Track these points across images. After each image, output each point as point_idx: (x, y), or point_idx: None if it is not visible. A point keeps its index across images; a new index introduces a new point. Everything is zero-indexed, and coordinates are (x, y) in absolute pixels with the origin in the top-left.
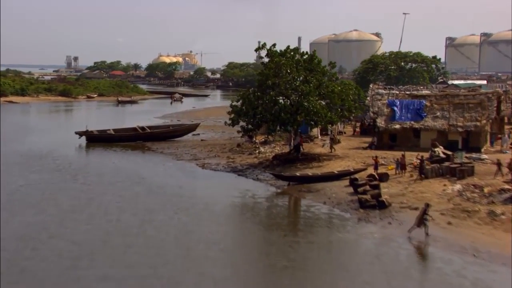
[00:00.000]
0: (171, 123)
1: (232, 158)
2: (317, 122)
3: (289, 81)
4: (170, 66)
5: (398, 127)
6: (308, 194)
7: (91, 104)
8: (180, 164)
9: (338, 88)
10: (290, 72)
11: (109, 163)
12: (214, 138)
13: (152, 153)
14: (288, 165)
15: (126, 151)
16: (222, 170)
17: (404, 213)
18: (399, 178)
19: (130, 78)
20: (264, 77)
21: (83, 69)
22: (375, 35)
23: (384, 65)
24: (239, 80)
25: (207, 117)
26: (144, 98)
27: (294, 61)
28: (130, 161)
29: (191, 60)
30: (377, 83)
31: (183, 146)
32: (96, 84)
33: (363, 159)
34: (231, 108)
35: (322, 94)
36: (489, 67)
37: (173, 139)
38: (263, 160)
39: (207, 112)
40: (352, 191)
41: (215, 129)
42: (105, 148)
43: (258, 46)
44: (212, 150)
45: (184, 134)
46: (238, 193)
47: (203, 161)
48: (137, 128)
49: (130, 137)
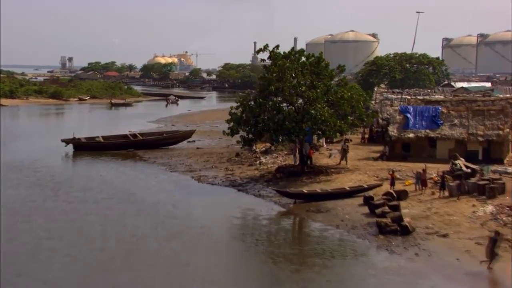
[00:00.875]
0: (165, 128)
1: (230, 170)
2: (325, 132)
3: (294, 86)
4: (165, 67)
5: (412, 136)
6: (317, 215)
7: (83, 107)
8: (174, 176)
9: (348, 94)
10: (295, 76)
11: (96, 175)
12: (211, 146)
13: (144, 163)
14: (293, 178)
15: (116, 161)
16: (220, 184)
17: (431, 241)
18: (419, 195)
19: (124, 79)
20: (266, 82)
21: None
22: (372, 35)
23: (388, 67)
24: (235, 82)
25: (203, 121)
26: (138, 100)
27: (299, 64)
28: (120, 173)
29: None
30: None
31: (178, 155)
32: (89, 85)
33: (376, 172)
34: (230, 115)
35: (330, 101)
36: (486, 68)
37: (167, 147)
38: (264, 172)
39: (203, 115)
40: (367, 211)
41: (211, 135)
42: (93, 157)
43: (260, 48)
44: (209, 160)
45: (179, 141)
46: (238, 213)
47: (199, 174)
48: (128, 135)
49: (121, 145)
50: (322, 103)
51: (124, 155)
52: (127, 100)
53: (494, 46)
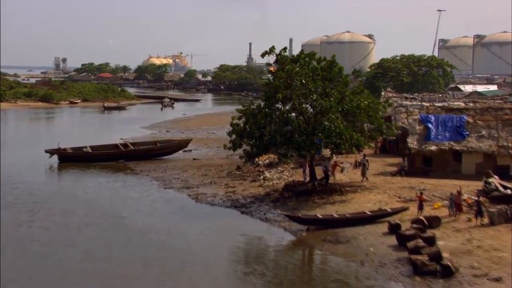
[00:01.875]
0: (159, 135)
1: (231, 186)
2: (339, 146)
3: (304, 94)
4: (160, 69)
5: (435, 148)
6: (336, 246)
7: (73, 111)
8: (169, 194)
9: (365, 103)
10: (305, 82)
11: (81, 193)
12: (209, 157)
13: (136, 177)
14: (303, 198)
15: (105, 175)
16: (221, 204)
17: (481, 286)
18: (454, 222)
19: (118, 81)
20: (273, 89)
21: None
22: (368, 36)
23: (395, 70)
24: (231, 83)
25: (199, 127)
26: (132, 103)
27: (310, 69)
28: (108, 190)
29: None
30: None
31: (173, 167)
32: (81, 88)
33: (397, 191)
34: (232, 127)
35: (345, 110)
36: (483, 69)
37: (161, 157)
38: (270, 190)
39: (199, 120)
40: (394, 242)
41: (209, 143)
42: (80, 170)
43: (265, 51)
44: (207, 174)
45: (174, 151)
46: (243, 243)
47: (197, 191)
48: (118, 145)
49: (111, 156)
50: (336, 113)
51: (114, 167)
52: (120, 103)
53: (491, 47)
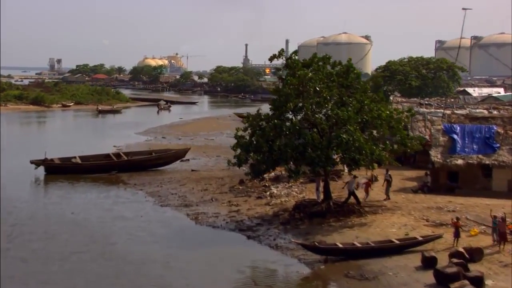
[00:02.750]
0: (154, 142)
1: (235, 204)
2: (358, 161)
3: (318, 103)
4: (155, 70)
5: (461, 162)
6: (363, 284)
7: (66, 115)
8: (165, 213)
9: (386, 113)
10: (319, 90)
11: (67, 212)
12: (208, 167)
13: (129, 191)
14: (317, 220)
15: (95, 189)
16: (224, 226)
17: None
18: (498, 254)
19: (113, 82)
20: (283, 97)
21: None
22: (365, 37)
23: (403, 73)
24: (228, 85)
25: (197, 133)
26: (127, 106)
27: (325, 75)
28: (98, 208)
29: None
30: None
31: (169, 180)
32: (74, 90)
33: (422, 212)
34: (236, 140)
35: (364, 121)
36: (480, 71)
37: (157, 168)
38: (279, 210)
39: (197, 125)
40: (431, 279)
41: (207, 151)
42: (68, 183)
43: (273, 55)
44: (207, 188)
45: (170, 162)
46: (251, 277)
47: (197, 210)
48: (110, 155)
49: (102, 167)
50: (354, 125)
51: (106, 179)
52: (115, 106)
53: (488, 48)
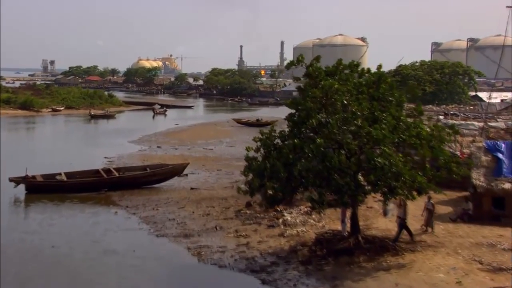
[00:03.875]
0: (149, 152)
1: (244, 235)
2: (394, 190)
3: (345, 120)
4: (150, 72)
5: (509, 187)
6: None
7: (56, 120)
8: (162, 247)
9: (427, 131)
10: (347, 104)
11: (47, 244)
12: (209, 184)
13: (121, 216)
14: (344, 259)
15: (82, 212)
16: (233, 265)
17: None
18: None
19: (106, 84)
20: (303, 112)
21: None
22: (361, 39)
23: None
24: (224, 88)
25: (194, 141)
26: (120, 110)
27: (353, 85)
28: (83, 239)
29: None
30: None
31: (166, 201)
32: (66, 93)
33: (471, 250)
34: (247, 162)
35: (402, 141)
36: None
37: (152, 185)
38: (296, 243)
39: (194, 132)
40: None
41: (207, 164)
42: (52, 204)
43: (291, 61)
44: (209, 212)
45: (167, 179)
46: None
47: (199, 242)
48: (100, 171)
49: (90, 185)
50: (389, 146)
51: (95, 199)
52: (108, 111)
53: (485, 51)
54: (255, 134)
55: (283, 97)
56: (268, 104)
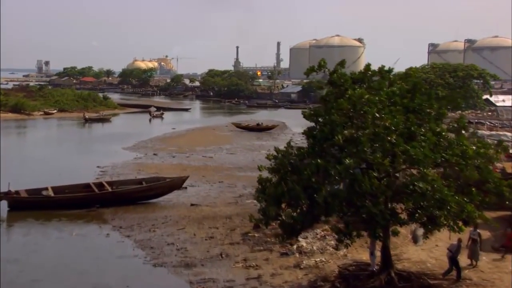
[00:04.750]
0: (145, 160)
1: (254, 265)
2: (436, 219)
3: (377, 136)
4: (145, 73)
5: None
6: None
7: (48, 124)
8: (159, 278)
9: (472, 148)
10: (379, 117)
11: (27, 277)
12: (211, 199)
13: (113, 239)
14: None
15: (69, 235)
16: None
17: None
18: None
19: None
20: (327, 127)
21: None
22: (358, 40)
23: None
24: (221, 90)
25: (193, 148)
26: (115, 113)
27: (385, 95)
28: (70, 271)
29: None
30: None
31: (164, 220)
32: (59, 95)
33: None
34: (261, 185)
35: (444, 161)
36: None
37: (148, 201)
38: (316, 277)
39: (191, 137)
40: None
41: (207, 175)
42: (37, 224)
43: (311, 67)
44: (213, 235)
45: (164, 194)
46: None
47: (202, 274)
48: (91, 186)
49: (80, 201)
50: (430, 168)
51: (85, 217)
52: (103, 114)
53: (482, 52)
54: (256, 139)
55: (281, 99)
56: (267, 106)
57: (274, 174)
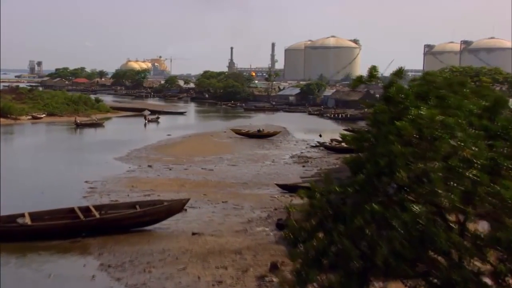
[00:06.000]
0: (139, 174)
1: None
2: None
3: (454, 171)
4: (139, 74)
5: None
6: None
7: (36, 129)
8: None
9: None
10: (456, 146)
11: None
12: (215, 225)
13: (99, 282)
14: None
15: (46, 278)
16: None
17: None
18: None
19: (94, 87)
20: (385, 158)
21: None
22: (353, 41)
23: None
24: (217, 92)
25: (191, 158)
26: (107, 117)
27: (463, 116)
28: None
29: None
30: None
31: (161, 257)
32: (49, 98)
33: None
34: (291, 234)
35: None
36: None
37: (142, 228)
38: None
39: (189, 146)
40: None
41: (209, 192)
42: (9, 260)
43: (359, 77)
44: (221, 278)
45: (161, 219)
46: None
47: None
48: (76, 210)
49: (62, 230)
50: None
51: (67, 251)
52: (96, 118)
53: (478, 53)
54: (257, 147)
55: (278, 101)
56: (265, 109)
57: (309, 219)
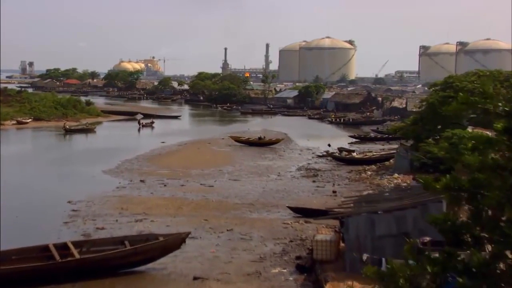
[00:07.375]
0: (129, 191)
1: None
2: None
3: None
4: (132, 75)
5: None
6: None
7: (20, 136)
8: None
9: None
10: None
11: None
12: (221, 266)
13: None
14: None
15: None
16: None
17: None
18: None
19: (86, 88)
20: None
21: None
22: (348, 42)
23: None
24: (212, 94)
25: (187, 170)
26: (98, 121)
27: None
28: None
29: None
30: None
31: None
32: (37, 100)
33: None
34: None
35: None
36: None
37: (132, 269)
38: None
39: (184, 155)
40: None
41: (210, 216)
42: None
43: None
44: None
45: (155, 258)
46: None
47: None
48: (50, 248)
49: (34, 274)
50: None
51: None
52: (87, 123)
53: (474, 54)
54: (260, 157)
55: (276, 104)
56: (262, 113)
57: None
